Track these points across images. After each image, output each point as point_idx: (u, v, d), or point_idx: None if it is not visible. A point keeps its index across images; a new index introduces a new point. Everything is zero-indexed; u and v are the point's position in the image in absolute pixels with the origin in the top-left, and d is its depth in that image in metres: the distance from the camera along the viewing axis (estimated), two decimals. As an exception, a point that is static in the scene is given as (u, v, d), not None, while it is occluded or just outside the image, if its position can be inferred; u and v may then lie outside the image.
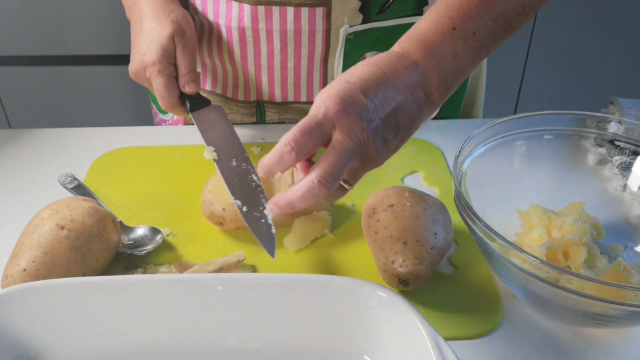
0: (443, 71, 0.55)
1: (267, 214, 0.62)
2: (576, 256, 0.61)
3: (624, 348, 0.58)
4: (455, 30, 0.55)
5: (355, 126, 0.51)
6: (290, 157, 0.51)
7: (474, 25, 0.55)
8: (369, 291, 0.51)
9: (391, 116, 0.52)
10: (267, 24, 0.78)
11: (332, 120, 0.51)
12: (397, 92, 0.53)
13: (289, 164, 0.52)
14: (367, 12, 0.79)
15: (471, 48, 0.56)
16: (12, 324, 0.51)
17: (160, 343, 0.53)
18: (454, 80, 0.56)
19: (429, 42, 0.55)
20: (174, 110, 0.74)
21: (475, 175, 0.67)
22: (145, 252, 0.66)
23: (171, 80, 0.73)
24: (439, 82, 0.55)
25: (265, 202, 0.63)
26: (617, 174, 0.75)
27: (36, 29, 1.66)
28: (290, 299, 0.52)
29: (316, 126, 0.51)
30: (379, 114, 0.52)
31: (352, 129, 0.51)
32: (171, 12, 0.75)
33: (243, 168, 0.67)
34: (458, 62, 0.55)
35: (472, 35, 0.55)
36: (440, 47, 0.55)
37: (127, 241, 0.67)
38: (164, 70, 0.72)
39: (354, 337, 0.52)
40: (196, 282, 0.53)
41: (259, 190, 0.64)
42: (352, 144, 0.51)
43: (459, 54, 0.55)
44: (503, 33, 0.58)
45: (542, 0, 0.60)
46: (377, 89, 0.52)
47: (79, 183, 0.76)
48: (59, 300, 0.51)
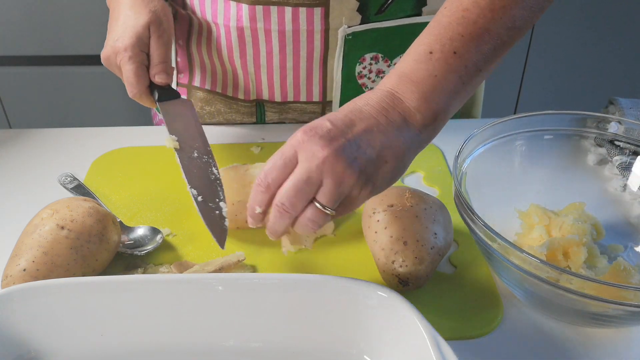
0: (422, 92, 0.54)
1: (222, 206, 0.63)
2: (576, 256, 0.61)
3: (624, 348, 0.58)
4: (433, 53, 0.55)
5: (314, 146, 0.51)
6: (265, 192, 0.53)
7: (454, 45, 0.55)
8: (369, 291, 0.51)
9: (362, 137, 0.52)
10: (266, 23, 0.78)
11: (294, 147, 0.52)
12: (367, 116, 0.53)
13: (265, 198, 0.53)
14: (365, 12, 0.79)
15: (454, 67, 0.55)
16: (12, 324, 0.51)
17: (160, 343, 0.53)
18: (439, 101, 0.54)
19: (404, 71, 0.55)
20: (141, 99, 0.74)
21: (475, 175, 0.67)
22: (145, 252, 0.66)
23: (142, 69, 0.73)
24: (419, 103, 0.54)
25: (223, 195, 0.64)
26: (617, 174, 0.75)
27: (36, 29, 1.66)
28: (290, 299, 0.52)
29: (281, 160, 0.52)
30: (345, 136, 0.51)
31: (310, 149, 0.51)
32: (150, 2, 0.75)
33: (204, 160, 0.67)
34: (440, 81, 0.54)
35: (453, 55, 0.54)
36: (416, 71, 0.54)
37: (127, 241, 0.67)
38: (135, 57, 0.72)
39: (354, 337, 0.52)
40: (196, 282, 0.53)
41: (217, 184, 0.65)
42: (307, 165, 0.51)
43: (438, 74, 0.54)
44: (493, 50, 0.57)
45: (532, 13, 0.58)
46: (345, 115, 0.53)
47: (79, 183, 0.76)
48: (59, 300, 0.52)
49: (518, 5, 0.56)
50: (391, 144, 0.53)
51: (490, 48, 0.56)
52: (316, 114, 0.88)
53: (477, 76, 0.56)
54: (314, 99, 0.86)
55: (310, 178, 0.51)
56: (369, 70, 0.83)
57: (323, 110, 0.88)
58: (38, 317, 0.51)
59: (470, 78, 0.56)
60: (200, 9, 0.81)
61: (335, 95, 0.85)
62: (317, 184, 0.51)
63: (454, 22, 0.55)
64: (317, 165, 0.50)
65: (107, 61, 0.75)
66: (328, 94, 0.86)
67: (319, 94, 0.86)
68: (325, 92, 0.86)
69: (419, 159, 0.81)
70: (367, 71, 0.84)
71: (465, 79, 0.55)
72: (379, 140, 0.52)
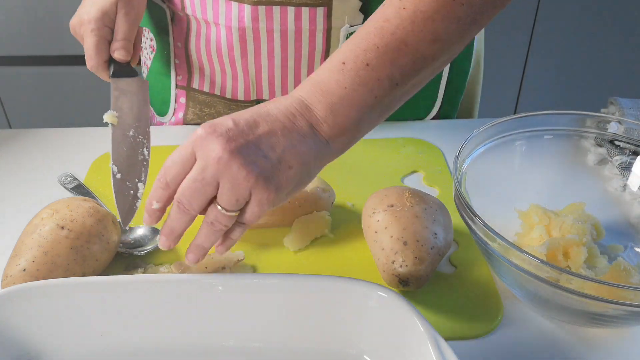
0: (329, 103, 0.52)
1: (139, 187, 0.62)
2: (576, 256, 0.61)
3: (624, 348, 0.58)
4: (345, 64, 0.52)
5: (210, 144, 0.49)
6: (164, 189, 0.51)
7: (367, 57, 0.52)
8: (369, 291, 0.51)
9: (263, 140, 0.50)
10: (268, 23, 0.78)
11: (192, 144, 0.50)
12: (274, 119, 0.51)
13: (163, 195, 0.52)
14: (368, 11, 0.79)
15: (365, 80, 0.52)
16: (12, 324, 0.51)
17: (160, 343, 0.53)
18: (348, 114, 0.52)
19: (317, 80, 0.53)
20: (98, 72, 0.75)
21: (475, 175, 0.67)
22: (145, 252, 0.66)
23: (103, 42, 0.73)
24: (326, 114, 0.52)
25: (145, 177, 0.63)
26: (617, 174, 0.75)
27: (36, 29, 1.66)
28: (290, 299, 0.52)
29: (179, 157, 0.50)
30: (245, 136, 0.49)
31: (207, 147, 0.49)
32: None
33: (138, 140, 0.66)
34: (349, 93, 0.52)
35: (365, 67, 0.52)
36: (326, 81, 0.52)
37: (127, 241, 0.67)
38: (97, 30, 0.73)
39: (354, 337, 0.52)
40: (196, 282, 0.53)
41: (143, 165, 0.64)
42: (203, 163, 0.49)
43: (348, 86, 0.52)
44: (413, 64, 0.53)
45: (465, 27, 0.54)
46: (250, 115, 0.51)
47: (79, 183, 0.76)
48: (59, 300, 0.51)
49: (443, 17, 0.52)
50: (295, 150, 0.50)
51: (409, 62, 0.53)
52: None
53: (395, 90, 0.53)
54: None
55: (205, 177, 0.49)
56: None
57: None
58: (38, 317, 0.51)
59: (384, 92, 0.53)
60: (201, 9, 0.81)
61: None
62: (213, 183, 0.49)
63: (372, 33, 0.53)
64: (212, 164, 0.48)
65: (73, 29, 0.77)
66: None
67: None
68: None
69: (419, 158, 0.81)
70: None
71: (379, 92, 0.52)
72: (282, 144, 0.50)
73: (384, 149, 0.83)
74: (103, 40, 0.74)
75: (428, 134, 0.86)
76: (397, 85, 0.53)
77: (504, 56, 1.82)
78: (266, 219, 0.67)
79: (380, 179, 0.77)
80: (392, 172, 0.79)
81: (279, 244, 0.68)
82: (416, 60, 0.53)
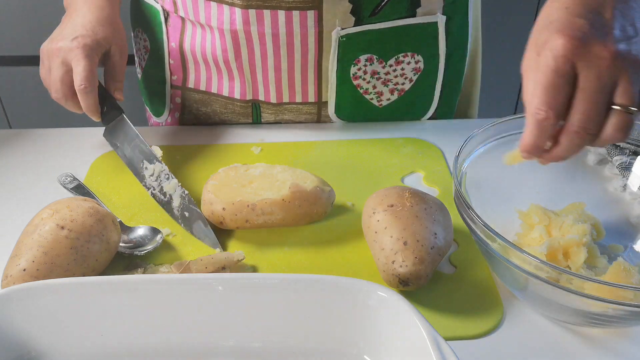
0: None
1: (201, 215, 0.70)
2: (576, 256, 0.61)
3: (624, 348, 0.58)
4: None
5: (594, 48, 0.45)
6: (550, 122, 0.47)
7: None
8: (369, 291, 0.51)
9: (621, 17, 0.47)
10: (259, 27, 0.78)
11: (567, 59, 0.46)
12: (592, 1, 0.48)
13: (552, 128, 0.48)
14: (359, 14, 0.78)
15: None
16: (12, 324, 0.51)
17: (160, 343, 0.53)
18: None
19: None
20: (87, 97, 0.74)
21: (475, 175, 0.67)
22: (145, 252, 0.66)
23: (95, 70, 0.74)
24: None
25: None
26: (617, 174, 0.75)
27: (36, 29, 1.66)
28: (290, 299, 0.52)
29: (557, 76, 0.46)
30: (607, 24, 0.46)
31: (592, 53, 0.45)
32: (107, 9, 0.78)
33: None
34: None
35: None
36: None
37: (127, 241, 0.67)
38: (92, 57, 0.73)
39: (354, 337, 0.52)
40: (196, 282, 0.53)
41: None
42: (597, 70, 0.45)
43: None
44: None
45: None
46: (583, 6, 0.47)
47: (79, 183, 0.76)
48: (59, 300, 0.51)
49: None
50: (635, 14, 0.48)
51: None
52: (312, 114, 0.88)
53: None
54: (309, 100, 0.86)
55: (605, 84, 0.45)
56: (364, 71, 0.83)
57: (319, 110, 0.88)
58: (38, 317, 0.51)
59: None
60: (193, 12, 0.81)
61: (331, 96, 0.85)
62: (611, 87, 0.46)
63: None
64: (608, 64, 0.45)
65: (48, 54, 0.74)
66: (323, 94, 0.86)
67: (314, 95, 0.86)
68: (321, 93, 0.86)
69: (419, 158, 0.82)
70: (362, 72, 0.84)
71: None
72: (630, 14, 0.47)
73: (384, 149, 0.83)
74: (95, 68, 0.74)
75: (428, 134, 0.86)
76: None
77: (504, 56, 1.82)
78: (266, 218, 0.67)
79: (380, 179, 0.77)
80: (392, 172, 0.79)
81: (279, 244, 0.68)
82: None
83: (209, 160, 0.81)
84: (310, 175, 0.69)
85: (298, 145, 0.84)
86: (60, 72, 0.73)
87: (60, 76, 0.73)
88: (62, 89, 0.73)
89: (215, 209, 0.67)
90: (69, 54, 0.73)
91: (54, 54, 0.74)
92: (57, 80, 0.73)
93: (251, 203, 0.66)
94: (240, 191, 0.67)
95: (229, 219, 0.67)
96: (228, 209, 0.66)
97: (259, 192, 0.67)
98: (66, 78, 0.73)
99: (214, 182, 0.69)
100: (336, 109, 0.87)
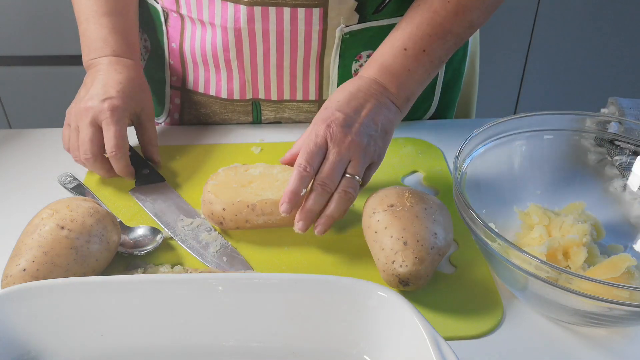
0: (399, 82, 0.69)
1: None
2: (576, 256, 0.61)
3: (624, 348, 0.58)
4: (407, 50, 0.69)
5: (339, 134, 0.65)
6: (308, 175, 0.64)
7: (423, 44, 0.69)
8: (369, 291, 0.51)
9: (370, 117, 0.66)
10: (264, 24, 0.78)
11: (324, 138, 0.65)
12: (365, 100, 0.67)
13: (308, 181, 0.64)
14: (363, 11, 0.79)
15: (422, 62, 0.70)
16: (12, 324, 0.51)
17: (160, 343, 0.53)
18: (413, 89, 0.70)
19: (384, 63, 0.69)
20: (119, 160, 0.73)
21: (475, 175, 0.67)
22: (145, 252, 0.66)
23: (125, 134, 0.73)
24: (398, 91, 0.69)
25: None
26: (617, 174, 0.75)
27: (36, 29, 1.66)
28: (290, 299, 0.52)
29: (314, 146, 0.64)
30: (357, 120, 0.66)
31: (338, 136, 0.65)
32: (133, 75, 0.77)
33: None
34: (412, 74, 0.69)
35: (422, 52, 0.69)
36: (393, 65, 0.69)
37: (127, 241, 0.67)
38: (123, 121, 0.73)
39: (354, 337, 0.52)
40: (196, 282, 0.53)
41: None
42: (338, 149, 0.64)
43: (411, 69, 0.69)
44: (454, 45, 0.71)
45: (488, 14, 0.71)
46: (349, 103, 0.67)
47: (79, 183, 0.76)
48: (59, 300, 0.51)
49: (478, 7, 0.69)
50: (387, 119, 0.68)
51: (452, 45, 0.71)
52: (312, 112, 0.88)
53: (439, 67, 0.72)
54: (310, 98, 0.86)
55: (342, 158, 0.64)
56: None
57: (319, 108, 0.88)
58: (38, 317, 0.51)
59: (433, 69, 0.71)
60: (196, 9, 0.81)
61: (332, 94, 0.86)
62: (347, 161, 0.65)
63: (424, 23, 0.69)
64: (346, 147, 0.64)
65: (78, 115, 0.73)
66: (324, 92, 0.86)
67: (315, 93, 0.86)
68: (322, 91, 0.86)
69: (419, 158, 0.82)
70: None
71: (430, 70, 0.71)
72: (379, 118, 0.67)
73: (384, 149, 0.83)
74: (125, 132, 0.73)
75: (427, 134, 0.86)
76: (442, 62, 0.73)
77: (504, 56, 1.82)
78: (266, 218, 0.67)
79: (380, 179, 0.77)
80: (392, 172, 0.79)
81: (279, 244, 0.68)
82: (457, 42, 0.71)
83: (209, 160, 0.81)
84: None
85: (298, 145, 0.84)
86: (89, 132, 0.71)
87: (90, 136, 0.71)
88: (91, 149, 0.71)
89: (215, 209, 0.67)
90: (99, 115, 0.72)
91: (83, 114, 0.72)
92: (87, 141, 0.72)
93: (251, 203, 0.66)
94: (240, 191, 0.67)
95: (229, 219, 0.67)
96: (228, 209, 0.66)
97: (259, 193, 0.67)
98: (96, 138, 0.72)
99: (214, 182, 0.69)
100: None
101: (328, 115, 0.66)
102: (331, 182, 0.64)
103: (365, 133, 0.65)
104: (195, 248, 0.67)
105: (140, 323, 0.53)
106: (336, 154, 0.64)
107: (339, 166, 0.64)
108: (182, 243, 0.67)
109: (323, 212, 0.65)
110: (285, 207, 0.63)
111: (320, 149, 0.64)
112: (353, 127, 0.65)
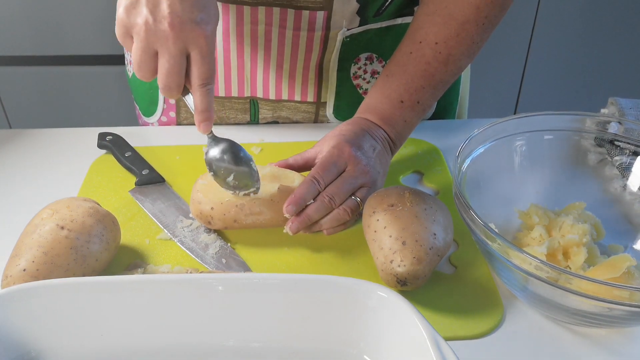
0: (396, 131, 0.74)
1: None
2: (576, 256, 0.61)
3: (624, 348, 0.58)
4: (403, 102, 0.73)
5: (360, 162, 0.69)
6: (318, 184, 0.67)
7: (418, 96, 0.73)
8: (369, 291, 0.51)
9: (376, 157, 0.71)
10: (267, 25, 0.78)
11: (345, 160, 0.69)
12: (375, 142, 0.72)
13: (316, 193, 0.67)
14: (364, 14, 0.79)
15: (416, 112, 0.74)
16: (12, 324, 0.51)
17: (160, 343, 0.53)
18: (405, 135, 0.76)
19: (384, 114, 0.73)
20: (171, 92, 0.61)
21: (475, 175, 0.67)
22: (244, 194, 0.67)
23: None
24: (395, 138, 0.74)
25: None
26: (617, 174, 0.75)
27: (36, 29, 1.66)
28: (290, 299, 0.52)
29: (333, 165, 0.68)
30: (372, 157, 0.71)
31: (358, 164, 0.69)
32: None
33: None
34: (407, 124, 0.75)
35: (416, 104, 0.74)
36: (392, 116, 0.73)
37: None
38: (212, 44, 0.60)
39: (354, 337, 0.52)
40: (196, 282, 0.53)
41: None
42: (357, 173, 0.68)
43: (407, 119, 0.74)
44: (442, 92, 0.76)
45: (473, 58, 0.75)
46: (364, 141, 0.71)
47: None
48: (59, 300, 0.51)
49: (468, 56, 0.73)
50: (386, 163, 0.74)
51: (441, 92, 0.75)
52: (309, 113, 0.88)
53: (426, 112, 0.77)
54: (308, 99, 0.86)
55: (356, 181, 0.68)
56: (364, 70, 0.84)
57: (317, 110, 0.88)
58: (38, 317, 0.51)
59: (424, 114, 0.76)
60: None
61: (330, 97, 0.86)
62: (359, 186, 0.68)
63: (418, 75, 0.73)
64: (363, 173, 0.69)
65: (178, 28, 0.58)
66: (322, 95, 0.86)
67: (313, 95, 0.86)
68: (320, 93, 0.86)
69: (419, 158, 0.82)
70: (362, 72, 0.84)
71: (421, 117, 0.76)
72: (383, 161, 0.73)
73: (384, 149, 0.83)
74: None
75: (427, 134, 0.86)
76: (431, 107, 0.80)
77: (504, 56, 1.82)
78: (254, 218, 0.67)
79: (380, 179, 0.77)
80: (392, 172, 0.79)
81: (278, 244, 0.68)
82: (445, 88, 0.75)
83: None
84: (298, 175, 0.70)
85: (299, 145, 0.84)
86: (174, 60, 0.59)
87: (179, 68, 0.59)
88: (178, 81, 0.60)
89: (203, 208, 0.67)
90: (193, 41, 0.58)
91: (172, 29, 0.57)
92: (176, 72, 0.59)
93: (239, 203, 0.66)
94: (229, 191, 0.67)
95: (217, 218, 0.67)
96: (216, 208, 0.66)
97: (248, 192, 0.67)
98: (179, 68, 0.59)
99: (203, 182, 0.69)
100: (335, 110, 0.87)
101: (350, 143, 0.69)
102: (338, 198, 0.67)
103: (375, 167, 0.70)
104: (194, 249, 0.67)
105: (140, 323, 0.53)
106: (352, 176, 0.68)
107: (351, 186, 0.67)
108: (181, 244, 0.67)
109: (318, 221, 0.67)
110: (292, 209, 0.65)
111: (338, 169, 0.68)
112: (370, 160, 0.70)
